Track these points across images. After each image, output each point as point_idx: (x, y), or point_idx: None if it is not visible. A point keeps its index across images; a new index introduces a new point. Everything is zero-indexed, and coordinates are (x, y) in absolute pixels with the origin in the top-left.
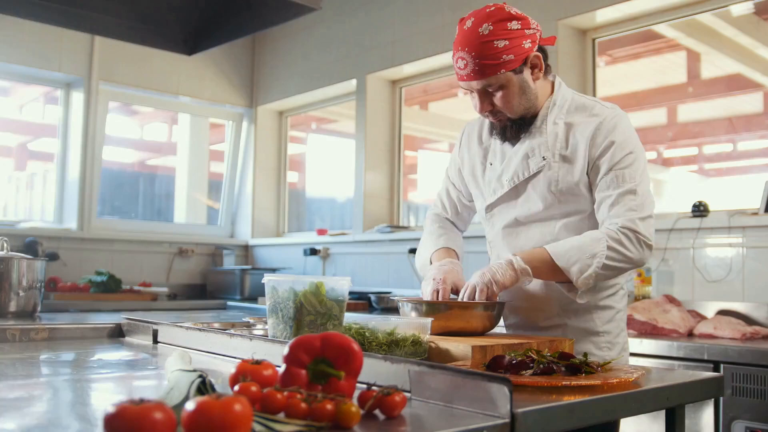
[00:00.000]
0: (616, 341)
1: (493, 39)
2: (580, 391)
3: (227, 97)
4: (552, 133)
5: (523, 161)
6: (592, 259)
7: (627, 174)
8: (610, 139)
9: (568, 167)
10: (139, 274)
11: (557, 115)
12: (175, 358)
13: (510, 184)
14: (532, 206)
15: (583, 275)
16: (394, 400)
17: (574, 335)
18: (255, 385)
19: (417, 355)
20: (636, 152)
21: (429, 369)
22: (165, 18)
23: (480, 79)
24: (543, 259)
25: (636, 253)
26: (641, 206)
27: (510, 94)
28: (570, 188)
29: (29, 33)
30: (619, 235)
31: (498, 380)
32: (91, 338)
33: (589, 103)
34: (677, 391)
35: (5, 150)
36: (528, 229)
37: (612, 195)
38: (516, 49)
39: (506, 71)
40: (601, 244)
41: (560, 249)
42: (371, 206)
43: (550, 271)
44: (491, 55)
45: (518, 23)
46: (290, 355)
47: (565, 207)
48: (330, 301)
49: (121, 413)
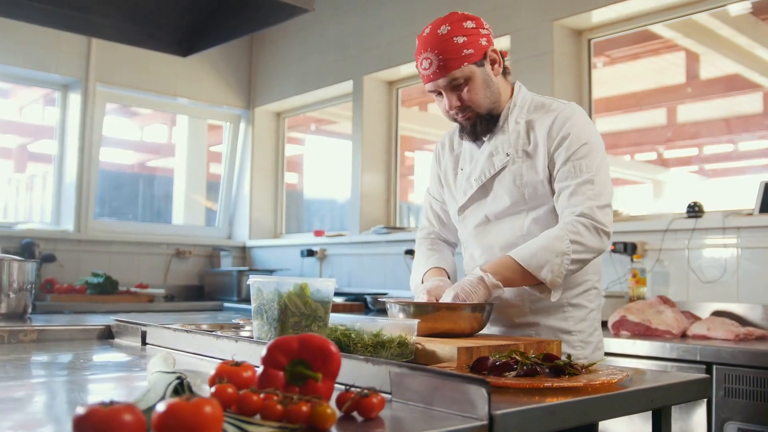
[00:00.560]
0: (590, 340)
1: (452, 36)
2: (563, 393)
3: (225, 99)
4: (514, 131)
5: (488, 160)
6: (561, 257)
7: (584, 164)
8: (565, 131)
9: (531, 162)
10: (136, 275)
11: (518, 114)
12: (158, 359)
13: (477, 183)
14: (500, 203)
15: (554, 274)
16: (371, 402)
17: (546, 335)
18: (231, 387)
19: (403, 356)
20: (591, 142)
21: (409, 371)
22: (160, 19)
23: (445, 74)
24: (511, 267)
25: (595, 242)
26: (599, 195)
27: (476, 87)
28: (534, 182)
29: (26, 35)
30: (577, 226)
31: (476, 382)
32: (81, 340)
33: (547, 102)
34: (662, 392)
35: (5, 152)
36: (498, 226)
37: (570, 185)
38: (474, 44)
39: (469, 64)
40: (565, 241)
41: (526, 254)
42: (368, 207)
43: (521, 277)
44: (452, 50)
45: (472, 22)
46: (268, 356)
47: (532, 201)
48: (315, 302)
49: (90, 415)
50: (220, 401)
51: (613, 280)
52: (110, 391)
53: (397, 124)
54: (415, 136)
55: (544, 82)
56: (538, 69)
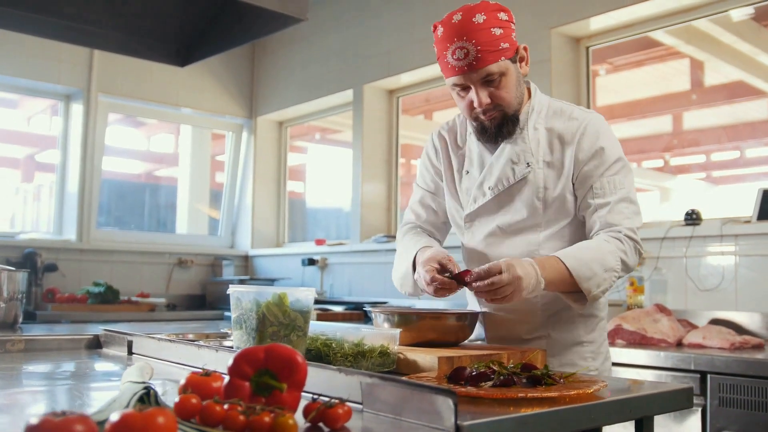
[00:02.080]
0: (600, 351)
1: (489, 27)
2: (538, 404)
3: (227, 108)
4: (533, 138)
5: (507, 168)
6: (609, 273)
7: (618, 180)
8: (598, 144)
9: (554, 174)
10: (138, 285)
11: (536, 120)
12: (133, 369)
13: (493, 193)
14: (516, 215)
15: (599, 289)
16: (336, 413)
17: (557, 346)
18: (195, 398)
19: (385, 366)
20: (623, 158)
21: (380, 381)
22: (157, 30)
23: (483, 66)
24: (559, 270)
25: (633, 264)
26: (636, 214)
27: (509, 84)
28: (557, 196)
29: (28, 46)
30: (625, 245)
31: (443, 392)
32: (69, 350)
33: (566, 108)
34: (641, 402)
35: (13, 162)
36: (511, 239)
37: (608, 202)
38: (509, 38)
39: (505, 59)
40: (615, 257)
41: (577, 261)
42: (369, 216)
43: (563, 283)
44: (490, 41)
45: (506, 14)
46: (234, 366)
47: (550, 214)
48: (294, 312)
49: (41, 426)
50: (184, 412)
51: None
52: (84, 401)
53: (397, 132)
54: (419, 144)
55: (543, 90)
56: (536, 77)
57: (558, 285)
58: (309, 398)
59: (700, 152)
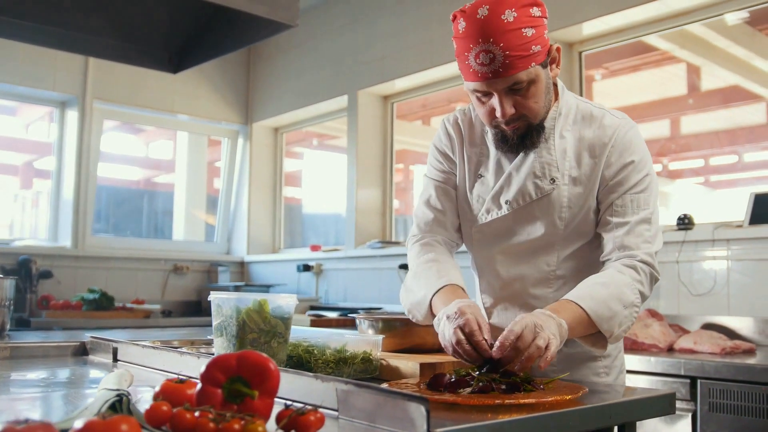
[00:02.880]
0: (614, 365)
1: (521, 27)
2: (516, 410)
3: (223, 115)
4: (560, 149)
5: (528, 182)
6: (630, 309)
7: (642, 199)
8: (628, 158)
9: (579, 191)
10: (133, 291)
11: (563, 125)
12: (111, 377)
13: (511, 207)
14: (533, 232)
15: (621, 328)
16: (308, 420)
17: (568, 361)
18: (166, 405)
19: (367, 372)
20: (651, 173)
21: (355, 388)
22: (148, 37)
23: (510, 74)
24: (578, 316)
25: (649, 292)
26: (654, 238)
27: (538, 93)
28: (581, 216)
29: (23, 54)
30: (641, 274)
31: (415, 399)
32: (55, 357)
33: (597, 112)
34: (620, 409)
35: (12, 168)
36: (526, 258)
37: (628, 222)
38: (541, 39)
39: (536, 65)
40: (633, 290)
41: (594, 303)
42: (364, 222)
43: (584, 328)
44: (521, 46)
45: (539, 9)
46: (206, 373)
47: (570, 233)
48: (275, 318)
49: None
50: (155, 419)
51: None
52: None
53: (392, 138)
54: (416, 150)
55: None
56: None
57: (578, 331)
58: (284, 405)
59: (698, 156)
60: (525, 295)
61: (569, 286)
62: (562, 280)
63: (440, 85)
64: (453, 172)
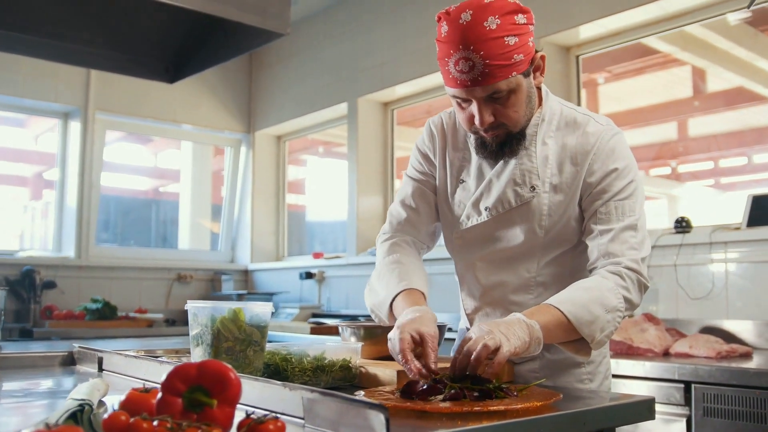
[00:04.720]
0: (598, 371)
1: (503, 35)
2: (487, 417)
3: (225, 124)
4: (542, 157)
5: (508, 189)
6: (613, 314)
7: (627, 206)
8: (611, 165)
9: (560, 199)
10: (137, 300)
11: (546, 132)
12: (84, 386)
13: (490, 214)
14: (513, 239)
15: (603, 333)
16: (267, 428)
17: (551, 368)
18: (125, 414)
19: (346, 380)
20: (636, 179)
21: (319, 396)
22: (145, 48)
23: (489, 83)
24: (557, 319)
25: (638, 300)
26: (641, 244)
27: (518, 102)
28: (561, 224)
29: (26, 66)
30: (626, 281)
31: (375, 408)
32: (42, 367)
33: (580, 118)
34: (596, 415)
35: (21, 180)
36: (507, 265)
37: (613, 229)
38: (525, 47)
39: (517, 74)
40: (617, 295)
41: (575, 306)
42: (365, 229)
43: (564, 333)
44: (502, 55)
45: (524, 17)
46: (167, 382)
47: (550, 240)
48: (250, 327)
49: None
50: (112, 428)
51: None
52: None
53: (392, 144)
54: None
55: None
56: None
57: (558, 336)
58: (245, 414)
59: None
60: (505, 302)
61: (550, 292)
62: (542, 287)
63: (440, 91)
64: (432, 174)
